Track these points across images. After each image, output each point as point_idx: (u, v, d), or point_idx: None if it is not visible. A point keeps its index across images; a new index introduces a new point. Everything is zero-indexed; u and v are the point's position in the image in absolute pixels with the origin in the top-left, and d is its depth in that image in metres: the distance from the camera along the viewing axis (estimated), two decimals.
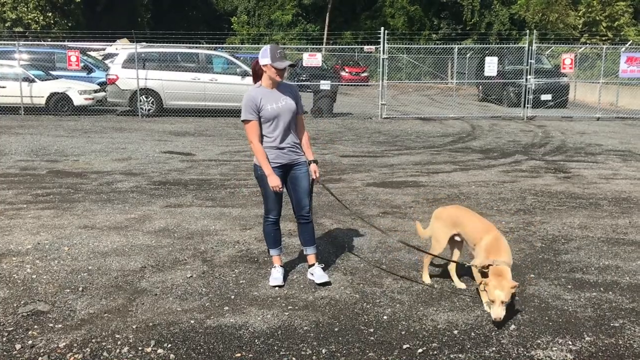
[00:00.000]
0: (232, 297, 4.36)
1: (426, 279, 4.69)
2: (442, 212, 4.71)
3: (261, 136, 4.42)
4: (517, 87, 18.89)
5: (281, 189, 4.45)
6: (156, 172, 8.95)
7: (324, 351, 3.60)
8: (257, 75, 4.46)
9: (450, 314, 4.12)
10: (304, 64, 18.40)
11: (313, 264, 4.70)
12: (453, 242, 4.65)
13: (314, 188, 4.80)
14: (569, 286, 4.64)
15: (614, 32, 31.36)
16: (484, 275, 4.09)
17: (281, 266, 4.73)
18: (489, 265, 4.03)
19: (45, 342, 3.66)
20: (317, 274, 4.64)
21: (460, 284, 4.60)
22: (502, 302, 3.81)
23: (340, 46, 34.64)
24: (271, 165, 4.39)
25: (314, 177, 4.62)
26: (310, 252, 4.70)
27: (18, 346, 3.60)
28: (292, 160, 4.51)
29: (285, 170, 4.53)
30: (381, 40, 16.64)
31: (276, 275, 4.63)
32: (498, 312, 3.82)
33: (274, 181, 4.36)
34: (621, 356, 3.59)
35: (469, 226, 4.42)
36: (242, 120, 4.40)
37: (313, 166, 4.60)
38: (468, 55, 26.30)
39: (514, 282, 3.91)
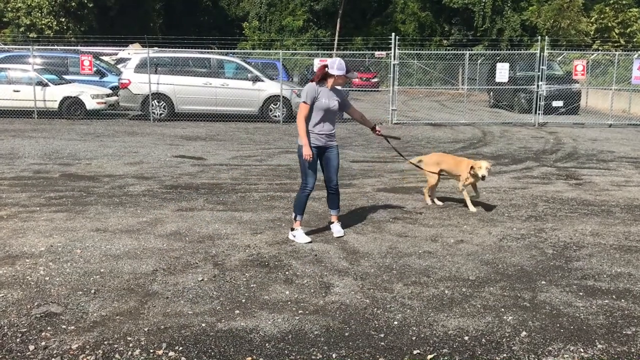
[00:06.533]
0: (243, 300, 4.38)
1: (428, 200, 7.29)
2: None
3: (308, 119, 5.58)
4: (529, 94, 18.81)
5: (313, 160, 5.57)
6: (168, 176, 9.00)
7: (334, 356, 3.61)
8: (322, 78, 5.60)
9: (461, 320, 4.12)
10: (315, 70, 18.46)
11: (333, 222, 6.06)
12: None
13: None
14: (581, 293, 4.62)
15: (627, 39, 31.24)
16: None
17: (301, 227, 5.84)
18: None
19: (58, 343, 3.69)
20: (336, 229, 5.99)
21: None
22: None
23: (350, 52, 34.68)
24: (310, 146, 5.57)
25: (378, 131, 6.11)
26: (334, 213, 6.06)
27: (31, 347, 3.64)
28: (325, 143, 5.70)
29: (321, 152, 5.72)
30: (392, 46, 16.66)
31: (303, 235, 5.75)
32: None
33: (307, 150, 5.48)
34: None
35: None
36: (302, 102, 5.59)
37: (378, 127, 6.18)
38: (479, 61, 26.25)
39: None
